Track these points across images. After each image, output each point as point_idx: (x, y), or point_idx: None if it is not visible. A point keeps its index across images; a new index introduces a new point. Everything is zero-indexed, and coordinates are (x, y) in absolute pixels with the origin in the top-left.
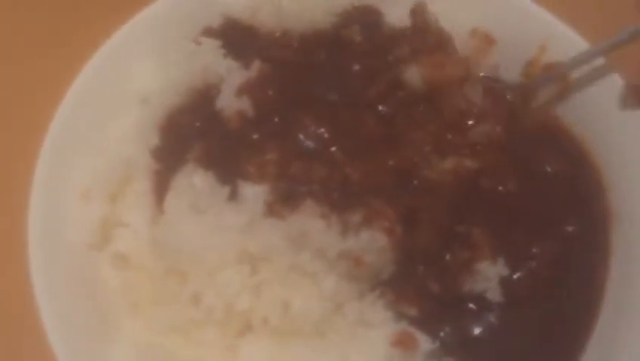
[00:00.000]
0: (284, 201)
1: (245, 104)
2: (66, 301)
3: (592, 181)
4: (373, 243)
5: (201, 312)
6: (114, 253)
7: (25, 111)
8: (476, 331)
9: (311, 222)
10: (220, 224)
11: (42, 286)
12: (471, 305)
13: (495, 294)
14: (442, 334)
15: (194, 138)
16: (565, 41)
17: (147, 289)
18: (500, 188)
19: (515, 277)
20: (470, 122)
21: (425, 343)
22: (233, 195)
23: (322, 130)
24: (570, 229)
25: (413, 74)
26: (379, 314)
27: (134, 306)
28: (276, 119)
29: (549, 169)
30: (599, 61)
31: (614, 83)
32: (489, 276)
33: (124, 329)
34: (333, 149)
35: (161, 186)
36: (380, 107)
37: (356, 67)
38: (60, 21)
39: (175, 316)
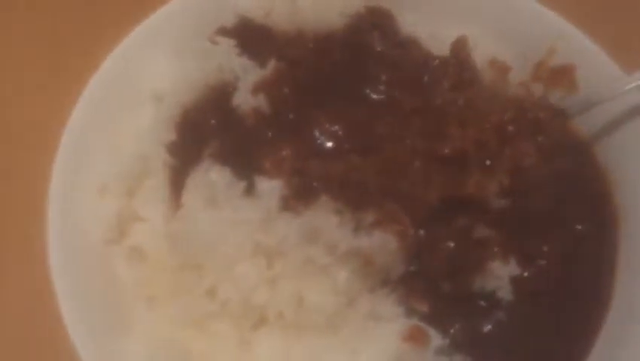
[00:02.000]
0: (299, 197)
1: (260, 102)
2: (85, 295)
3: (599, 181)
4: (384, 244)
5: (217, 305)
6: (131, 247)
7: (44, 109)
8: (486, 328)
9: (324, 218)
10: (237, 218)
11: (61, 280)
12: (482, 302)
13: (505, 292)
14: (452, 330)
15: (210, 134)
16: (574, 43)
17: (163, 283)
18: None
19: (525, 275)
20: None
21: (434, 338)
22: (250, 190)
23: (337, 128)
24: (579, 227)
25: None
26: (391, 309)
27: (150, 299)
28: (291, 117)
29: (557, 170)
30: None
31: (620, 84)
32: (500, 275)
33: (141, 322)
34: (348, 147)
35: (177, 182)
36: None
37: (382, 77)
38: (77, 20)
39: (190, 309)
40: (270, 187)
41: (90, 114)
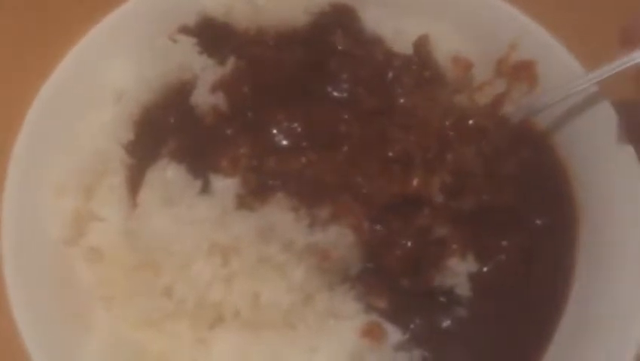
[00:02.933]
0: (255, 194)
1: (219, 100)
2: (40, 296)
3: (559, 176)
4: (340, 238)
5: (173, 304)
6: (88, 247)
7: (1, 105)
8: (446, 323)
9: (280, 214)
10: (193, 216)
11: (15, 281)
12: (441, 298)
13: (463, 289)
14: (412, 326)
15: (168, 133)
16: (535, 39)
17: (121, 283)
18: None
19: (484, 270)
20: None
21: (394, 334)
22: (206, 189)
23: (295, 125)
24: (539, 222)
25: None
26: (349, 306)
27: (108, 300)
28: (250, 115)
29: (517, 165)
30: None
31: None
32: (458, 272)
33: (98, 323)
34: (306, 144)
35: (135, 181)
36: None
37: (344, 75)
38: (35, 18)
39: (147, 309)
40: (226, 185)
41: (48, 112)
